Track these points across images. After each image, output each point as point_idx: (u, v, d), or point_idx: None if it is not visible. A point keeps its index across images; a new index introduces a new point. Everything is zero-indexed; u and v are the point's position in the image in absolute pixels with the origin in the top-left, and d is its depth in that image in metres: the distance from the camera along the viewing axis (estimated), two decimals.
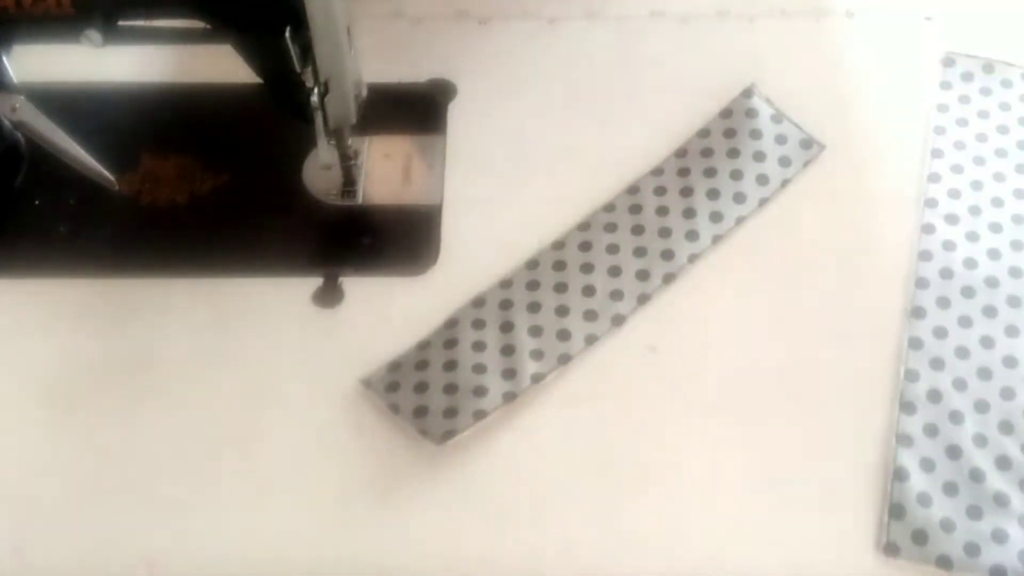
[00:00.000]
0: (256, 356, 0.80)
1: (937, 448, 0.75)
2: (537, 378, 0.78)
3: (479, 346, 0.79)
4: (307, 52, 0.74)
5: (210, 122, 0.91)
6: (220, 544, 0.72)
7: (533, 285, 0.82)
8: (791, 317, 0.81)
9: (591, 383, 0.78)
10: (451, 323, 0.81)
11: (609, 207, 0.86)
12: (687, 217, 0.85)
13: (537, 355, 0.79)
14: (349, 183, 0.87)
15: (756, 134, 0.89)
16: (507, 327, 0.80)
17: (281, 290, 0.83)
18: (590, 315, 0.81)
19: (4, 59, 0.81)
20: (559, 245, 0.84)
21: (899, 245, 0.84)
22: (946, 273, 0.82)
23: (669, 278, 0.82)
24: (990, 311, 0.80)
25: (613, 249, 0.84)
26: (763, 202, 0.86)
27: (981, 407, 0.76)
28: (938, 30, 0.96)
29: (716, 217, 0.85)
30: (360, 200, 0.87)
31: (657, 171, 0.88)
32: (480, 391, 0.76)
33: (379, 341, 0.80)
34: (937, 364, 0.78)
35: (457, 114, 0.91)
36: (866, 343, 0.80)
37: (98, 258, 0.85)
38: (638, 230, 0.85)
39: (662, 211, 0.85)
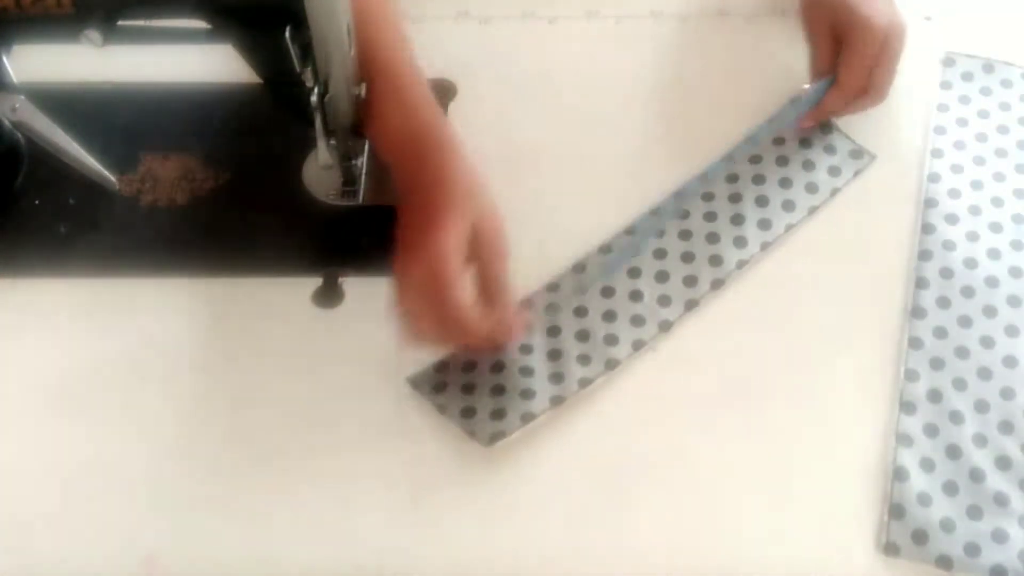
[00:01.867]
0: (256, 356, 0.80)
1: (937, 448, 0.75)
2: (584, 383, 0.77)
3: (526, 349, 0.79)
4: (307, 52, 0.74)
5: (210, 122, 0.91)
6: (220, 544, 0.72)
7: (580, 289, 0.82)
8: (791, 317, 0.81)
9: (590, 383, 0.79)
10: None
11: (656, 211, 0.85)
12: (735, 224, 0.85)
13: (584, 360, 0.78)
14: (349, 183, 0.87)
15: (806, 143, 0.89)
16: (554, 331, 0.80)
17: (281, 290, 0.83)
18: (637, 320, 0.80)
19: (4, 59, 0.81)
20: (606, 249, 0.84)
21: (899, 245, 0.84)
22: (946, 273, 0.82)
23: (717, 284, 0.82)
24: (990, 311, 0.80)
25: (660, 254, 0.84)
26: (812, 210, 0.85)
27: (981, 407, 0.76)
28: (938, 30, 0.96)
29: (765, 224, 0.85)
30: (360, 200, 0.87)
31: (703, 177, 0.87)
32: (527, 394, 0.76)
33: (379, 341, 0.80)
34: (937, 364, 0.78)
35: (457, 114, 0.91)
36: (866, 343, 0.80)
37: (98, 258, 0.85)
38: (685, 235, 0.84)
39: (710, 216, 0.85)
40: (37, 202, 0.87)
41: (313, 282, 0.83)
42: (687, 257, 0.83)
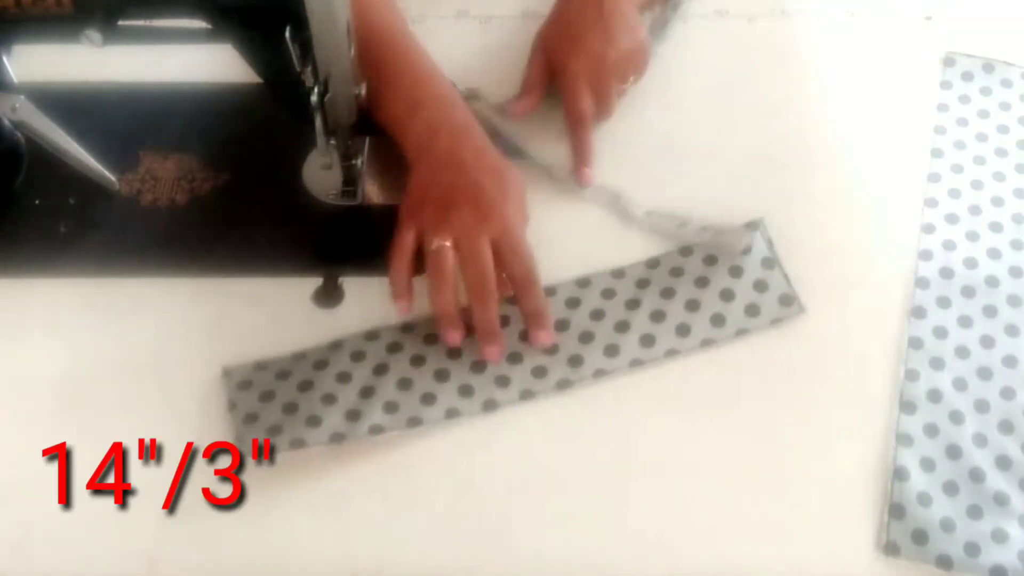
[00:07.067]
0: (256, 356, 0.80)
1: (937, 448, 0.75)
2: (375, 430, 0.74)
3: (343, 377, 0.77)
4: (307, 52, 0.74)
5: (210, 122, 0.92)
6: (219, 544, 0.72)
7: (430, 339, 0.79)
8: (790, 316, 0.81)
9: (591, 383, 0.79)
10: (334, 345, 0.79)
11: (550, 291, 0.81)
12: (618, 331, 0.79)
13: (391, 408, 0.75)
14: (349, 183, 0.87)
15: (736, 271, 0.81)
16: (380, 369, 0.77)
17: (281, 290, 0.83)
18: (464, 390, 0.77)
19: (4, 59, 0.81)
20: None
21: (899, 245, 0.84)
22: (946, 273, 0.82)
23: (564, 384, 0.77)
24: (990, 311, 0.80)
25: (526, 334, 0.79)
26: (705, 343, 0.78)
27: (981, 407, 0.76)
28: (938, 30, 0.97)
29: (647, 341, 0.79)
30: (360, 200, 0.87)
31: (618, 273, 0.82)
32: (313, 421, 0.74)
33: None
34: (937, 364, 0.78)
35: None
36: (866, 343, 0.80)
37: (98, 258, 0.85)
38: (562, 325, 0.79)
39: (597, 315, 0.80)
40: (37, 202, 0.87)
41: (313, 282, 0.83)
42: (551, 349, 0.78)
